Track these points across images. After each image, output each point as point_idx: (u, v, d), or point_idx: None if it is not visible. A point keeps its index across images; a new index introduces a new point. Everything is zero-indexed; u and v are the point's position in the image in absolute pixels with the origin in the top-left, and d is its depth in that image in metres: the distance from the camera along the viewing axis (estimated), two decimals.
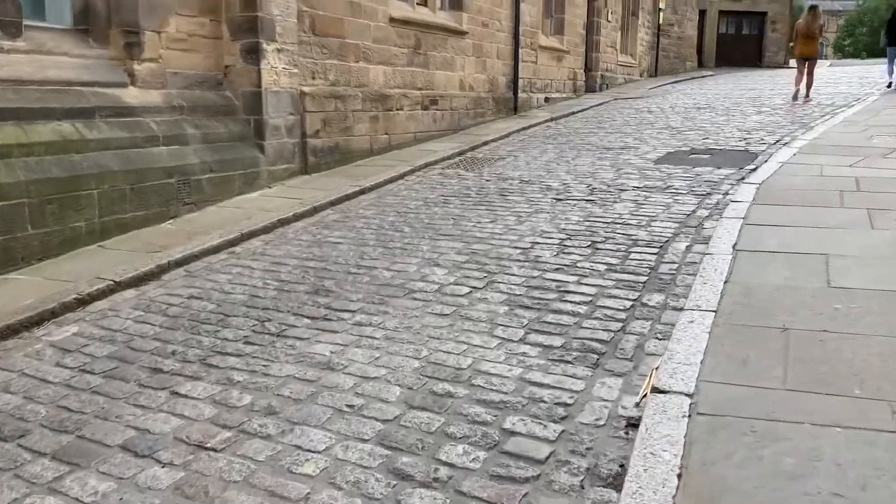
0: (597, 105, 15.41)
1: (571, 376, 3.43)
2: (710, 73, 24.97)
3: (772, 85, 19.09)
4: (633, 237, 5.58)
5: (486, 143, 10.68)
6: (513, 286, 4.66)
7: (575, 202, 6.84)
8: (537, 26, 14.37)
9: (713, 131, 10.86)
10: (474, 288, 4.66)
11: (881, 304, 3.73)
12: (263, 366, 3.67)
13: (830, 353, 3.23)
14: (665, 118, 12.82)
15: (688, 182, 7.44)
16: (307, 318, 4.29)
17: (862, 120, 10.74)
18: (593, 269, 4.89)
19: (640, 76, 22.24)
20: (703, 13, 30.48)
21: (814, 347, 3.29)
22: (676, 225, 5.84)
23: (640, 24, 21.87)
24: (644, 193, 7.04)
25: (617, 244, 5.43)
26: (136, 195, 6.09)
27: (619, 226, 5.92)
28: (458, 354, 3.70)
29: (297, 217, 6.59)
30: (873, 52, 66.58)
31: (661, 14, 23.14)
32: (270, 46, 7.45)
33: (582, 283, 4.65)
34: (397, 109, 9.89)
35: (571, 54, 16.26)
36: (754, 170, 7.77)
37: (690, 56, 26.29)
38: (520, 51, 13.51)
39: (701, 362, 3.23)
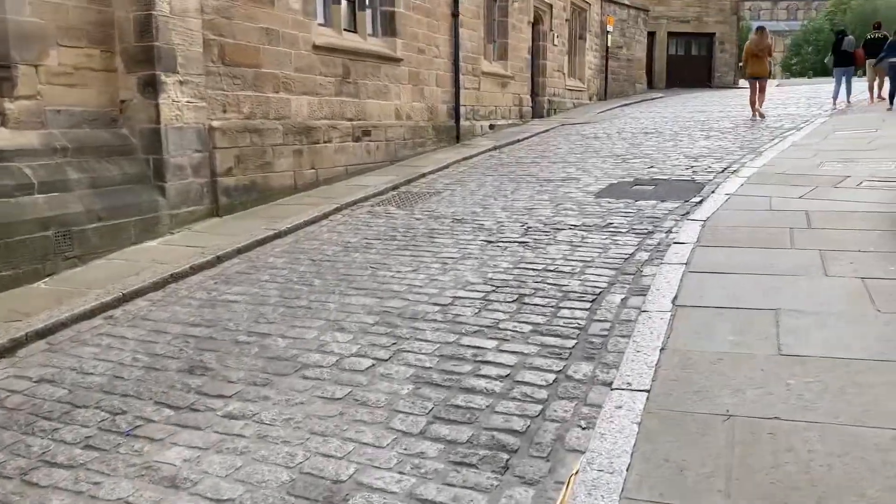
0: (543, 132, 14.97)
1: (473, 487, 2.78)
2: (660, 94, 24.90)
3: (721, 106, 18.96)
4: (565, 288, 4.98)
5: (423, 176, 10.08)
6: (423, 356, 4.01)
7: (507, 245, 6.24)
8: (479, 52, 13.91)
9: (659, 159, 10.43)
10: (378, 360, 3.99)
11: (839, 378, 3.17)
12: (95, 483, 2.95)
13: (782, 452, 2.64)
14: (611, 145, 12.40)
15: (629, 219, 6.91)
16: (170, 408, 3.57)
17: (811, 144, 10.42)
18: (516, 331, 4.27)
19: (590, 100, 22.00)
20: (652, 35, 30.59)
21: (763, 444, 2.71)
22: (613, 272, 5.27)
23: (588, 47, 21.66)
24: (581, 233, 6.48)
25: (546, 297, 4.82)
26: (3, 251, 5.30)
27: (550, 274, 5.33)
28: (341, 459, 3.03)
29: (195, 269, 5.87)
30: (819, 71, 68.39)
31: (609, 37, 23.00)
32: (171, 78, 6.75)
33: (502, 350, 4.02)
34: (325, 142, 9.24)
35: (516, 80, 15.84)
36: (700, 202, 7.29)
37: (640, 78, 26.24)
38: (460, 77, 13.00)
39: (627, 468, 2.62)
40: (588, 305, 4.63)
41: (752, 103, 14.47)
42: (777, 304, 4.14)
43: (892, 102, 14.73)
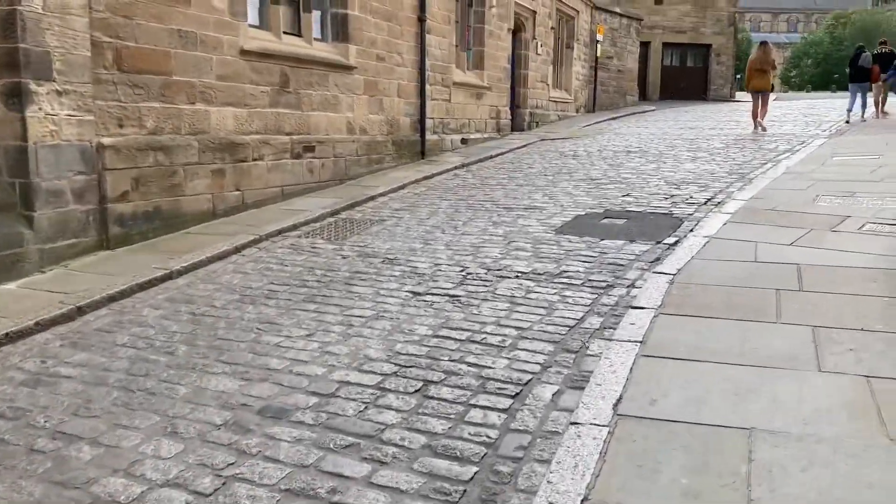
0: (519, 147, 13.89)
1: None
2: (652, 107, 23.87)
3: (713, 122, 17.94)
4: (486, 373, 3.87)
5: (372, 199, 8.97)
6: (261, 490, 2.89)
7: (434, 299, 5.13)
8: (450, 60, 12.82)
9: (637, 185, 9.34)
10: (197, 495, 2.87)
11: None
12: None
13: None
14: (588, 165, 11.32)
15: (588, 265, 5.80)
16: None
17: (807, 172, 9.34)
18: (403, 447, 3.16)
19: (577, 112, 20.94)
20: (646, 45, 29.63)
21: None
22: (552, 348, 4.16)
23: (576, 56, 20.61)
24: (528, 284, 5.37)
25: (458, 387, 3.71)
26: None
27: (474, 347, 4.22)
28: None
29: (43, 325, 4.74)
30: (818, 85, 67.64)
31: (599, 46, 21.95)
32: (43, 87, 5.64)
33: (371, 484, 2.90)
34: (255, 160, 8.12)
35: (493, 90, 14.76)
36: (674, 244, 6.21)
37: (631, 90, 25.20)
38: (427, 88, 11.91)
39: None
40: (508, 404, 3.52)
41: (755, 115, 14.71)
42: (752, 418, 3.05)
43: None
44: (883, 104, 17.13)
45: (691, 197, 8.34)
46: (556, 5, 18.33)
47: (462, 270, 5.81)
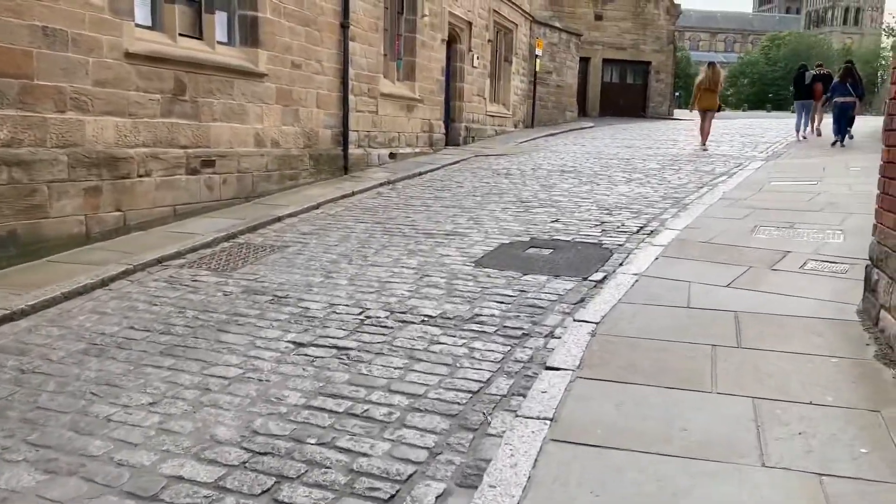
0: (451, 164, 13.21)
1: None
2: (591, 124, 23.60)
3: (650, 141, 17.64)
4: (359, 462, 3.09)
5: (278, 220, 8.12)
6: None
7: (319, 352, 4.33)
8: (378, 70, 12.06)
9: (568, 208, 8.74)
10: None
11: None
12: None
13: None
14: (520, 186, 10.70)
15: (505, 306, 5.10)
16: None
17: (744, 198, 8.89)
18: None
19: (515, 127, 20.44)
20: (586, 61, 29.48)
21: None
22: (446, 425, 3.42)
23: (515, 70, 20.12)
24: (434, 332, 4.63)
25: (318, 485, 2.92)
26: None
27: (352, 424, 3.44)
28: None
29: None
30: (754, 104, 69.45)
31: (538, 61, 21.54)
32: None
33: None
34: (141, 176, 7.19)
35: (426, 103, 14.06)
36: (602, 281, 5.58)
37: (571, 105, 24.90)
38: (351, 98, 11.12)
39: None
40: None
41: (702, 132, 15.24)
42: None
43: (839, 140, 15.12)
44: (819, 122, 17.98)
45: (623, 224, 7.76)
46: (493, 17, 17.79)
47: (361, 313, 5.03)
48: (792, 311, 4.67)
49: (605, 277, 5.76)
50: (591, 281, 5.71)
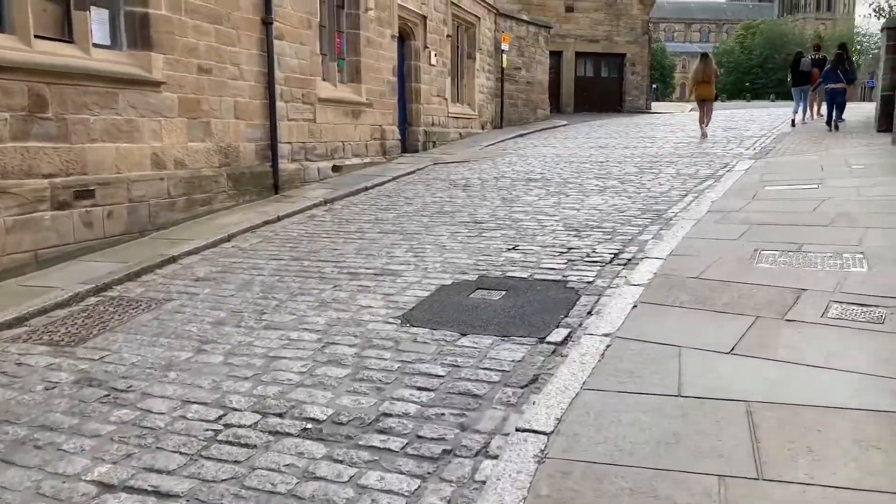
0: (404, 175, 11.76)
1: None
2: (564, 122, 22.22)
3: (627, 139, 16.28)
4: None
5: (173, 261, 6.63)
6: None
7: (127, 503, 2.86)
8: (314, 72, 10.57)
9: (530, 230, 7.32)
10: None
11: None
12: None
13: None
14: (478, 200, 9.28)
15: (427, 399, 3.65)
16: None
17: (737, 209, 7.50)
18: None
19: (482, 128, 19.01)
20: (558, 55, 28.16)
21: None
22: None
23: (479, 68, 18.69)
24: (313, 453, 3.17)
25: None
26: None
27: None
28: None
29: None
30: (731, 93, 68.62)
31: (505, 56, 20.11)
32: None
33: None
34: None
35: (375, 107, 12.58)
36: (563, 344, 4.17)
37: (542, 102, 23.51)
38: (279, 105, 9.63)
39: None
40: None
41: (701, 122, 15.63)
42: None
43: (829, 125, 15.53)
44: (819, 107, 18.13)
45: (594, 251, 6.35)
46: (451, 10, 16.35)
47: (219, 418, 3.56)
48: (827, 397, 3.26)
49: (567, 337, 4.34)
50: (548, 344, 4.28)
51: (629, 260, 6.02)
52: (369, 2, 12.07)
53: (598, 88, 30.24)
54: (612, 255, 6.19)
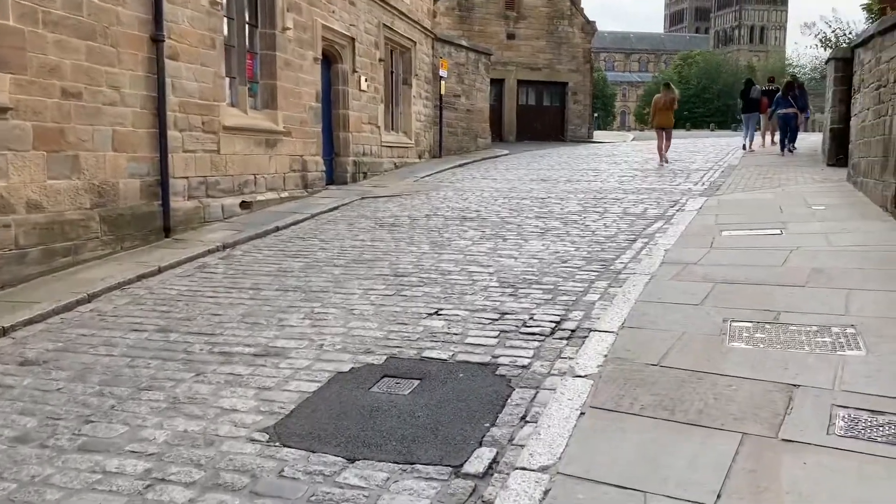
0: (326, 211, 10.53)
1: None
2: (505, 151, 21.34)
3: (569, 171, 15.41)
4: None
5: (2, 334, 5.20)
6: None
7: None
8: (217, 97, 9.27)
9: (458, 286, 6.17)
10: None
11: None
12: None
13: None
14: (404, 245, 8.11)
15: None
16: None
17: (693, 261, 6.50)
18: None
19: (420, 158, 17.91)
20: (500, 83, 27.46)
21: None
22: None
23: (416, 94, 17.63)
24: None
25: None
26: None
27: None
28: None
29: None
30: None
31: (443, 83, 19.13)
32: None
33: None
34: None
35: (295, 136, 11.33)
36: (484, 477, 2.99)
37: (483, 131, 22.60)
38: (171, 135, 8.29)
39: None
40: None
41: (660, 150, 15.86)
42: None
43: (782, 150, 16.56)
44: (772, 136, 18.97)
45: (532, 318, 5.22)
46: (384, 33, 15.27)
47: None
48: None
49: (491, 466, 3.16)
50: (465, 478, 3.08)
51: (573, 331, 4.91)
52: (287, 20, 10.86)
53: (540, 117, 29.64)
54: (554, 324, 5.07)
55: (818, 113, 32.49)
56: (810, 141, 19.79)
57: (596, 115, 59.14)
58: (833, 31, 20.46)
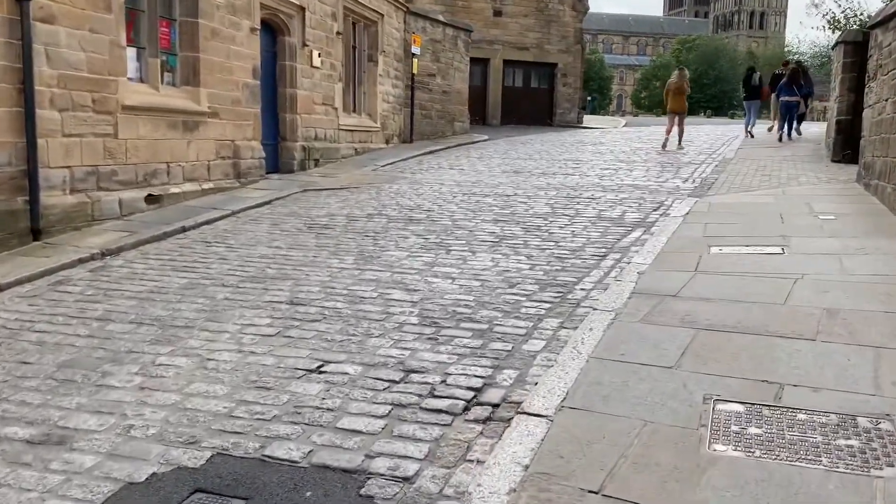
0: (253, 207, 9.05)
1: None
2: (485, 136, 19.78)
3: (548, 161, 13.90)
4: None
5: None
6: None
7: None
8: (114, 71, 7.74)
9: (363, 327, 4.72)
10: None
11: None
12: None
13: None
14: (323, 256, 6.66)
15: None
16: None
17: (672, 292, 5.05)
18: None
19: (387, 143, 16.37)
20: (485, 62, 25.85)
21: None
22: None
23: (384, 72, 16.05)
24: None
25: None
26: None
27: None
28: None
29: None
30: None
31: (416, 60, 17.54)
32: None
33: None
34: None
35: (224, 117, 9.80)
36: None
37: (460, 114, 21.03)
38: (41, 115, 6.77)
39: None
40: None
41: (669, 132, 15.54)
42: None
43: (780, 138, 16.31)
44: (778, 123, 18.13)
45: (444, 381, 3.79)
46: (343, 2, 13.67)
47: None
48: None
49: None
50: None
51: (495, 408, 3.49)
52: None
53: (527, 100, 28.02)
54: (472, 396, 3.63)
55: (816, 101, 31.00)
56: (811, 132, 18.33)
57: (591, 98, 57.50)
58: (843, 12, 18.91)
